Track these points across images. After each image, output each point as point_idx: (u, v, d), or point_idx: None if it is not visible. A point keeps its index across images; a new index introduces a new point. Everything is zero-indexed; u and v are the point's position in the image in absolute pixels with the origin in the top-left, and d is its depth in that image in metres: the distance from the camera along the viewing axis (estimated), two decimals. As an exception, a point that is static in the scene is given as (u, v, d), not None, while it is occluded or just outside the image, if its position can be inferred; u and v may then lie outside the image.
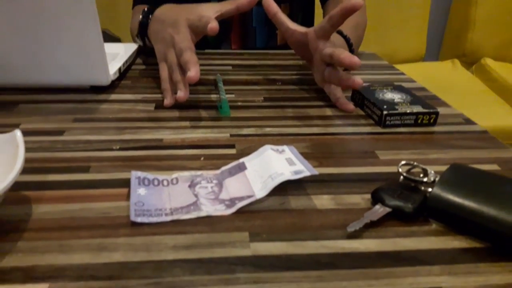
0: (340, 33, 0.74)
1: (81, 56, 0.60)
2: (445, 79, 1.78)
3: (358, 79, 0.57)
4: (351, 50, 0.74)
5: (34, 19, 0.57)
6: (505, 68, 1.85)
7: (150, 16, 0.73)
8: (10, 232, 0.35)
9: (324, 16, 0.95)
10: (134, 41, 0.83)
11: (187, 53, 0.59)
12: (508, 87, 1.71)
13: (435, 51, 2.22)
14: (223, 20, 0.66)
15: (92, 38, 0.59)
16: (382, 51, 1.98)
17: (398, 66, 2.03)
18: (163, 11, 0.71)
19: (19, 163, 0.35)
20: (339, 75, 0.59)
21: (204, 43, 0.68)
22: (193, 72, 0.55)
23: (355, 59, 0.55)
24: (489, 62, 1.89)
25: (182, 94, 0.59)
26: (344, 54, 0.57)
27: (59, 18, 0.58)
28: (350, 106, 0.61)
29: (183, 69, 0.60)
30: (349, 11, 0.57)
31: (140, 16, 0.75)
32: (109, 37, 1.44)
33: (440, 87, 1.70)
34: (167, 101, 0.60)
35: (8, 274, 0.31)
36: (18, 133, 0.38)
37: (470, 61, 2.00)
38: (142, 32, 0.75)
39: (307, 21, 1.06)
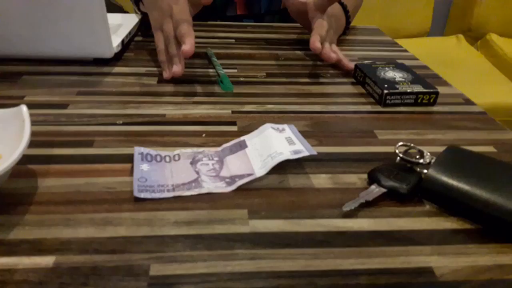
0: (342, 4, 0.79)
1: (84, 29, 0.60)
2: (449, 55, 1.77)
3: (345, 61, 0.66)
4: (348, 17, 0.80)
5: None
6: (510, 44, 1.83)
7: None
8: (18, 205, 0.36)
9: None
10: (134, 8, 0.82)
11: (183, 25, 0.59)
12: (511, 64, 1.70)
13: (441, 25, 2.20)
14: None
15: (96, 11, 0.59)
16: (388, 25, 1.97)
17: (403, 41, 2.02)
18: None
19: (25, 138, 0.36)
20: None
21: (211, 8, 0.68)
22: (188, 46, 0.56)
23: (317, 44, 0.62)
24: (494, 37, 1.88)
25: (178, 69, 0.59)
26: (312, 37, 0.63)
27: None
28: (350, 64, 0.67)
29: (179, 42, 0.60)
30: None
31: None
32: (111, 5, 1.43)
33: (444, 63, 1.70)
34: (166, 74, 0.61)
35: (16, 247, 0.32)
36: (24, 108, 0.39)
37: (476, 36, 1.98)
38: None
39: None
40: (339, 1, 0.78)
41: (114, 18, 0.77)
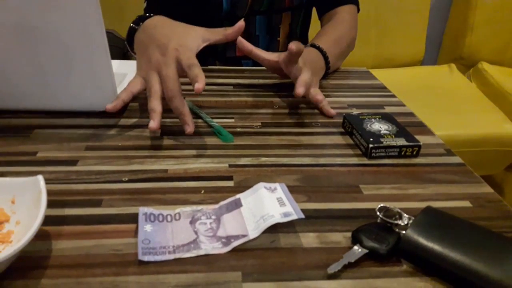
0: (318, 47, 0.85)
1: (92, 84, 0.65)
2: (441, 84, 1.82)
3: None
4: (327, 63, 0.85)
5: (47, 50, 0.62)
6: (501, 72, 1.89)
7: (141, 23, 0.74)
8: (35, 269, 0.40)
9: (321, 26, 1.02)
10: None
11: (178, 101, 0.62)
12: (502, 93, 1.75)
13: (434, 53, 2.25)
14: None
15: (102, 68, 0.64)
16: (382, 54, 2.03)
17: (397, 70, 2.07)
18: (154, 23, 0.72)
19: (41, 214, 0.40)
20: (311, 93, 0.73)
21: (212, 49, 0.72)
22: (190, 128, 0.61)
23: (299, 90, 0.67)
24: (485, 66, 1.93)
25: (154, 125, 0.60)
26: (297, 84, 0.69)
27: (71, 49, 0.62)
28: (332, 111, 0.73)
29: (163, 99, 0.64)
30: (298, 53, 0.69)
31: (131, 23, 0.77)
32: (114, 39, 1.49)
33: (436, 92, 1.75)
34: (110, 105, 0.64)
35: (35, 311, 0.36)
36: (41, 181, 0.43)
37: (468, 64, 2.04)
38: (130, 37, 0.78)
39: (304, 26, 1.12)
40: (319, 48, 0.84)
41: (119, 66, 0.82)
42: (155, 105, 0.62)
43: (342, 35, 0.94)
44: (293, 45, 0.67)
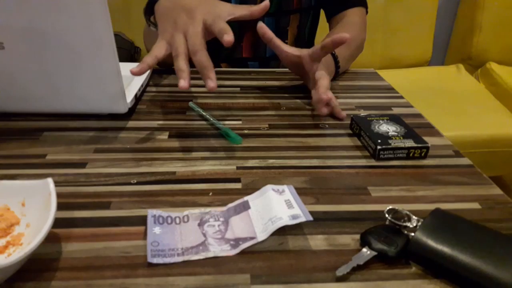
0: None
1: (100, 88, 0.65)
2: (449, 85, 1.81)
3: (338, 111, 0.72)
4: (337, 67, 0.85)
5: (55, 52, 0.62)
6: (509, 72, 1.88)
7: None
8: (45, 271, 0.41)
9: (330, 29, 1.02)
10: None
11: (202, 55, 0.61)
12: (510, 93, 1.74)
13: (441, 54, 2.25)
14: (235, 30, 0.71)
15: (110, 71, 0.64)
16: (389, 54, 2.02)
17: (404, 71, 2.06)
18: None
19: (50, 218, 0.40)
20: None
21: (218, 49, 0.72)
22: (213, 83, 0.59)
23: (328, 94, 0.68)
24: (494, 66, 1.92)
25: (185, 84, 0.60)
26: (322, 88, 0.68)
27: (79, 52, 0.62)
28: (342, 113, 0.73)
29: (189, 58, 0.63)
30: (339, 43, 0.67)
31: None
32: (122, 41, 1.49)
33: (444, 92, 1.74)
34: (135, 68, 0.62)
35: (46, 313, 0.37)
36: (51, 184, 0.43)
37: (476, 65, 2.03)
38: (149, 10, 0.77)
39: (313, 29, 1.12)
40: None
41: (127, 68, 0.82)
42: (182, 65, 0.62)
43: (352, 38, 0.93)
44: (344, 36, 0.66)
